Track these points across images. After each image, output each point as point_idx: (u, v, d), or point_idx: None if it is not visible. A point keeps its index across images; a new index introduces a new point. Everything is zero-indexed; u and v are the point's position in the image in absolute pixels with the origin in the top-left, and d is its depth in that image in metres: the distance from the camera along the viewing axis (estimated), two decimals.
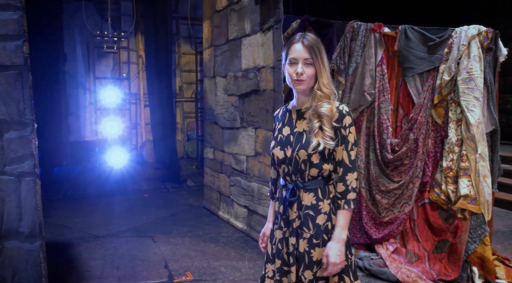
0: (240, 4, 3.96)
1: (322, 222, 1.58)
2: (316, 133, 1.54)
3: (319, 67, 1.54)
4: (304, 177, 1.59)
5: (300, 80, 1.54)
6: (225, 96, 4.37)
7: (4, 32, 2.33)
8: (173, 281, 3.05)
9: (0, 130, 2.41)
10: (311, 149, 1.54)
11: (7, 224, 2.47)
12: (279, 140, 1.64)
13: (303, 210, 1.60)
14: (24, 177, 2.44)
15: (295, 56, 1.55)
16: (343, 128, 1.56)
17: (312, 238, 1.57)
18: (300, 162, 1.57)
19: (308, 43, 1.53)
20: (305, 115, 1.61)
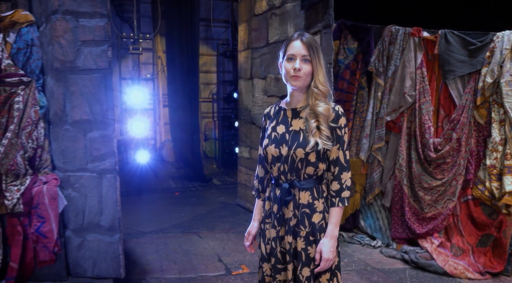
0: (282, 9, 4.12)
1: (317, 220, 1.61)
2: (313, 133, 1.56)
3: (316, 65, 1.57)
4: (300, 175, 1.61)
5: (297, 76, 1.55)
6: (264, 97, 4.53)
7: (92, 38, 2.49)
8: (231, 273, 3.21)
9: (84, 130, 2.57)
10: (309, 148, 1.56)
11: (88, 218, 2.63)
12: (274, 138, 1.64)
13: (300, 208, 1.62)
14: (106, 174, 2.60)
15: (293, 53, 1.56)
16: (339, 129, 1.59)
17: (308, 236, 1.61)
18: (297, 160, 1.59)
19: (306, 40, 1.56)
20: (301, 114, 1.62)
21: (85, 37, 2.49)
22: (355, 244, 3.83)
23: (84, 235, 2.64)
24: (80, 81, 2.52)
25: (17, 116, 2.62)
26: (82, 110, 2.54)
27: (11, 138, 2.58)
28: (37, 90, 2.74)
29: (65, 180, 2.62)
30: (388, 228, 3.86)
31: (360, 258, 3.50)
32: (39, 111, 2.70)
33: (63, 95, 2.54)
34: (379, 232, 3.89)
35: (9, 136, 2.59)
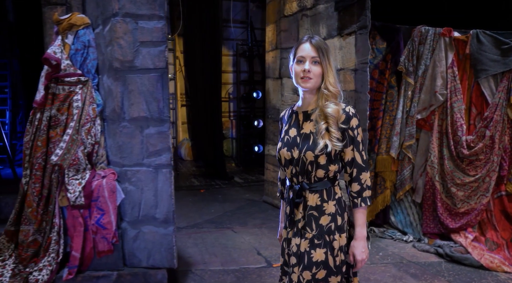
0: (314, 10, 4.23)
1: (325, 223, 1.60)
2: (323, 135, 1.56)
3: (326, 66, 1.57)
4: (310, 178, 1.61)
5: (307, 78, 1.56)
6: (294, 96, 4.64)
7: (150, 39, 2.62)
8: (272, 265, 3.33)
9: (141, 127, 2.70)
10: (318, 150, 1.56)
11: (144, 211, 2.76)
12: (286, 142, 1.66)
13: (307, 210, 1.62)
14: (162, 169, 2.72)
15: (303, 55, 1.57)
16: (351, 130, 1.58)
17: (314, 239, 1.59)
18: (307, 163, 1.59)
19: (315, 43, 1.57)
20: (311, 117, 1.62)
21: (143, 38, 2.61)
22: (387, 238, 3.94)
23: (139, 227, 2.77)
24: (138, 80, 2.65)
25: (77, 113, 2.75)
26: (139, 108, 2.66)
27: (72, 134, 2.72)
28: (93, 89, 2.88)
29: (122, 174, 2.74)
30: (419, 223, 3.96)
31: (394, 252, 3.61)
32: (96, 109, 2.83)
33: (121, 93, 2.67)
34: (410, 227, 3.99)
35: (70, 132, 2.72)
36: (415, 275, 3.12)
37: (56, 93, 2.82)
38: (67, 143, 2.70)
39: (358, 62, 3.66)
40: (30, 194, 2.78)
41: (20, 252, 2.77)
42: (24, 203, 2.79)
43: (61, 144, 2.71)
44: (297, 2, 4.50)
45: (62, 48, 2.84)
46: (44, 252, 2.76)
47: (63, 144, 2.70)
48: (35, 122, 2.83)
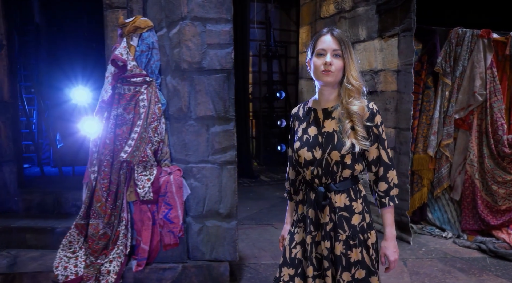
0: (353, 13, 4.34)
1: (357, 222, 1.56)
2: (348, 134, 1.50)
3: (348, 59, 1.50)
4: (335, 178, 1.55)
5: (328, 71, 1.48)
6: None
7: (217, 41, 2.74)
8: None
9: (207, 125, 2.82)
10: (345, 150, 1.50)
11: (208, 206, 2.88)
12: (305, 141, 1.58)
13: (336, 212, 1.56)
14: (226, 165, 2.84)
15: (323, 47, 1.50)
16: (375, 127, 1.54)
17: (348, 240, 1.55)
18: (332, 163, 1.53)
19: (337, 34, 1.50)
20: (333, 115, 1.55)
21: (211, 40, 2.74)
22: (426, 235, 4.04)
23: (203, 221, 2.89)
24: (206, 81, 2.77)
25: (144, 112, 2.88)
26: (206, 107, 2.79)
27: (140, 132, 2.84)
28: (157, 89, 3.00)
29: (187, 170, 2.87)
30: (457, 220, 4.06)
31: (436, 247, 3.72)
32: (161, 108, 2.96)
33: (188, 93, 2.79)
34: (448, 224, 4.10)
35: (138, 131, 2.85)
36: (463, 269, 3.23)
37: (122, 93, 2.95)
38: (136, 140, 2.82)
39: (401, 63, 3.77)
40: (99, 189, 2.91)
41: (90, 244, 2.89)
42: (93, 198, 2.92)
43: (130, 142, 2.83)
44: (335, 4, 4.61)
45: (127, 50, 2.97)
46: (113, 245, 2.89)
47: (131, 142, 2.83)
48: (103, 121, 2.96)
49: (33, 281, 2.76)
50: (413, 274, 3.14)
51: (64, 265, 2.79)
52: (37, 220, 3.30)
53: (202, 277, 2.88)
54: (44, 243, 3.15)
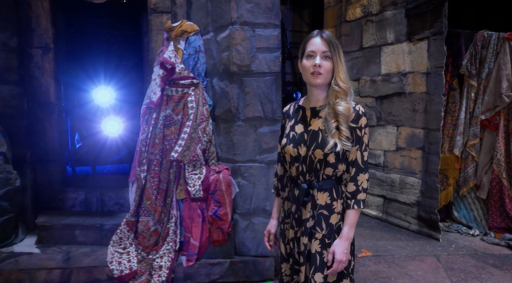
0: (380, 16, 4.46)
1: (335, 221, 1.58)
2: (333, 133, 1.52)
3: (337, 61, 1.52)
4: (318, 176, 1.57)
5: (317, 73, 1.51)
6: (356, 98, 4.87)
7: (266, 45, 2.86)
8: (357, 255, 3.56)
9: (255, 126, 2.93)
10: (328, 149, 1.52)
11: (255, 203, 2.99)
12: (292, 138, 1.61)
13: (317, 209, 1.57)
14: (273, 164, 2.95)
15: (313, 49, 1.52)
16: (359, 129, 1.55)
17: (324, 238, 1.56)
18: (316, 161, 1.55)
19: (326, 37, 1.53)
20: (320, 114, 1.57)
21: (260, 44, 2.85)
22: (453, 232, 4.16)
23: (250, 218, 3.01)
24: (254, 83, 2.88)
25: (193, 113, 2.99)
26: (254, 109, 2.90)
27: (190, 133, 2.96)
28: (204, 91, 3.12)
29: (235, 169, 2.98)
30: (484, 218, 4.18)
31: (465, 244, 3.83)
32: (209, 109, 3.07)
33: (237, 95, 2.90)
34: (474, 222, 4.21)
35: (188, 131, 2.96)
36: (496, 265, 3.34)
37: (170, 95, 3.06)
38: (186, 140, 2.94)
39: (432, 66, 3.89)
40: (149, 187, 3.02)
41: (141, 241, 3.01)
42: (143, 196, 3.04)
43: (180, 141, 2.95)
44: (361, 8, 4.73)
45: (175, 53, 3.08)
46: (163, 241, 3.00)
47: (181, 141, 2.94)
48: (151, 122, 3.07)
49: (89, 275, 2.87)
50: (448, 270, 3.25)
51: (118, 260, 2.90)
52: (83, 217, 3.41)
53: (248, 272, 2.99)
54: (93, 240, 3.26)
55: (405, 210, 4.28)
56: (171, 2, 3.33)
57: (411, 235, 4.07)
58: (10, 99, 3.52)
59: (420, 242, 3.86)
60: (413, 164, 4.18)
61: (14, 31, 3.49)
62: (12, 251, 3.14)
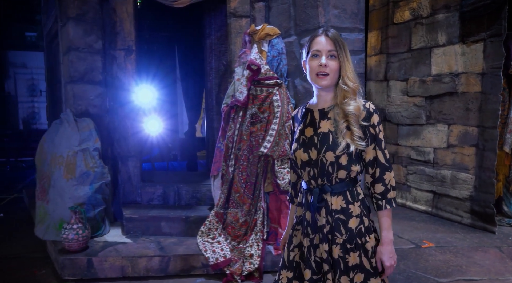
0: (431, 19, 4.66)
1: (354, 225, 1.51)
2: (344, 134, 1.47)
3: (343, 60, 1.48)
4: (331, 180, 1.51)
5: (323, 74, 1.47)
6: (404, 97, 5.08)
7: (351, 48, 3.06)
8: (421, 247, 3.76)
9: None
10: (339, 150, 1.46)
11: None
12: (302, 142, 1.56)
13: (333, 215, 1.52)
14: None
15: (318, 48, 1.48)
16: (372, 127, 1.49)
17: (345, 243, 1.50)
18: (327, 164, 1.49)
19: (332, 35, 1.48)
20: (329, 115, 1.52)
21: None
22: (505, 226, 4.35)
23: None
24: None
25: (279, 111, 3.19)
26: None
27: (278, 129, 3.16)
28: (286, 90, 3.32)
29: None
30: None
31: None
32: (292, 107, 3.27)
33: None
34: None
35: (275, 128, 3.16)
36: None
37: (255, 94, 3.26)
38: (274, 137, 3.14)
39: (488, 66, 4.09)
40: (237, 181, 3.22)
41: (230, 231, 3.21)
42: (231, 189, 3.24)
43: (268, 138, 3.15)
44: (410, 11, 4.93)
45: (260, 55, 3.28)
46: (251, 231, 3.20)
47: (269, 138, 3.14)
48: (238, 119, 3.28)
49: (185, 263, 3.07)
50: None
51: (211, 249, 3.11)
52: (163, 210, 3.62)
53: None
54: (178, 230, 3.46)
55: (457, 205, 4.48)
56: (250, 7, 3.53)
57: (465, 228, 4.27)
58: (94, 99, 3.73)
59: (476, 235, 4.06)
60: (465, 160, 4.38)
61: (99, 35, 3.70)
62: (106, 241, 3.34)
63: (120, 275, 3.03)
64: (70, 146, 3.21)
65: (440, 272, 3.19)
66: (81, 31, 3.67)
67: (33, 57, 10.19)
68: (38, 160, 3.44)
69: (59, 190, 3.23)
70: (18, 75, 10.16)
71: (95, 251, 3.12)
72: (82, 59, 3.69)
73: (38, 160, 3.44)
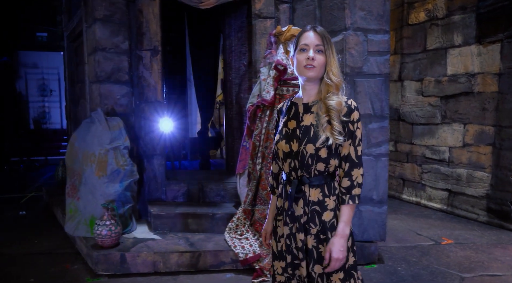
0: (446, 20, 4.74)
1: (328, 218, 1.56)
2: (324, 127, 1.52)
3: (329, 56, 1.53)
4: (310, 172, 1.56)
5: (311, 66, 1.52)
6: (418, 97, 5.16)
7: (377, 49, 3.14)
8: (440, 243, 3.84)
9: (365, 122, 3.21)
10: (319, 143, 1.51)
11: (363, 193, 3.26)
12: (285, 134, 1.61)
13: (310, 206, 1.57)
14: (381, 157, 3.24)
15: (306, 43, 1.54)
16: (351, 123, 1.54)
17: (319, 234, 1.57)
18: (307, 156, 1.54)
19: (320, 31, 1.55)
20: (312, 109, 1.57)
21: (371, 48, 3.13)
22: None
23: (357, 207, 3.29)
24: (366, 83, 3.16)
25: None
26: (365, 106, 3.18)
27: None
28: None
29: None
30: None
31: None
32: None
33: (348, 94, 3.18)
34: None
35: None
36: None
37: (281, 94, 3.34)
38: None
39: (505, 67, 4.16)
40: (265, 178, 3.30)
41: (257, 227, 3.29)
42: (259, 186, 3.32)
43: None
44: (426, 12, 5.01)
45: (286, 55, 3.36)
46: None
47: None
48: (265, 118, 3.35)
49: (215, 258, 3.15)
50: None
51: (241, 245, 3.18)
52: (189, 207, 3.70)
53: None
54: (205, 227, 3.54)
55: (473, 203, 4.56)
56: (275, 8, 3.61)
57: (482, 225, 4.35)
58: (120, 98, 3.81)
59: (493, 232, 4.14)
60: (481, 159, 4.46)
61: (126, 35, 3.78)
62: (135, 237, 3.42)
63: (152, 270, 3.11)
64: (101, 144, 3.29)
65: (462, 267, 3.27)
66: (108, 32, 3.75)
67: (43, 57, 10.28)
68: (69, 158, 3.51)
69: (90, 187, 3.31)
70: (29, 75, 10.24)
71: (126, 247, 3.20)
72: (108, 60, 3.77)
73: (69, 158, 3.52)
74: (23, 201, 5.67)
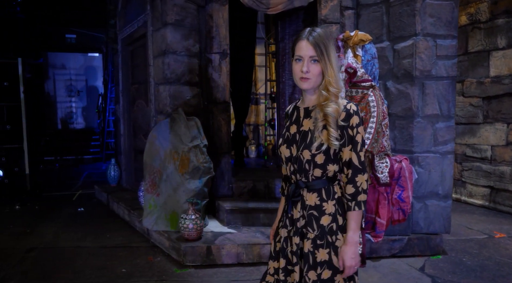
0: (490, 24, 4.95)
1: (326, 223, 1.55)
2: (320, 133, 1.51)
3: (325, 64, 1.49)
4: (308, 176, 1.56)
5: (305, 78, 1.51)
6: (459, 98, 5.37)
7: (445, 53, 3.35)
8: (494, 237, 4.05)
9: (432, 122, 3.42)
10: (314, 148, 1.51)
11: (429, 188, 3.49)
12: (286, 138, 1.62)
13: (307, 210, 1.57)
14: (447, 155, 3.45)
15: (300, 54, 1.52)
16: (350, 128, 1.51)
17: (316, 239, 1.55)
18: (304, 161, 1.54)
19: (313, 39, 1.49)
20: (311, 114, 1.56)
21: (440, 53, 3.34)
22: None
23: (423, 201, 3.50)
24: (434, 86, 3.37)
25: (375, 111, 3.47)
26: (432, 107, 3.39)
27: (376, 127, 3.44)
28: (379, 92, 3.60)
29: (412, 159, 3.47)
30: None
31: None
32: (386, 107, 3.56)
33: (417, 96, 3.39)
34: None
35: (373, 126, 3.44)
36: None
37: (351, 96, 3.55)
38: (373, 134, 3.42)
39: None
40: None
41: None
42: None
43: (366, 135, 3.42)
44: (467, 16, 5.22)
45: (355, 59, 3.57)
46: None
47: (368, 135, 3.42)
48: None
49: None
50: None
51: None
52: (258, 202, 3.90)
53: (422, 247, 3.49)
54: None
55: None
56: (340, 14, 3.82)
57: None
58: (190, 99, 4.01)
59: None
60: None
61: (196, 39, 3.98)
62: (212, 231, 3.62)
63: (235, 261, 3.31)
64: (184, 142, 3.49)
65: None
66: (179, 35, 3.94)
67: (71, 58, 10.47)
68: (149, 156, 3.71)
69: (173, 183, 3.51)
70: (57, 76, 10.43)
71: (209, 240, 3.40)
72: (179, 62, 3.97)
73: (148, 156, 3.72)
74: (74, 198, 5.87)
